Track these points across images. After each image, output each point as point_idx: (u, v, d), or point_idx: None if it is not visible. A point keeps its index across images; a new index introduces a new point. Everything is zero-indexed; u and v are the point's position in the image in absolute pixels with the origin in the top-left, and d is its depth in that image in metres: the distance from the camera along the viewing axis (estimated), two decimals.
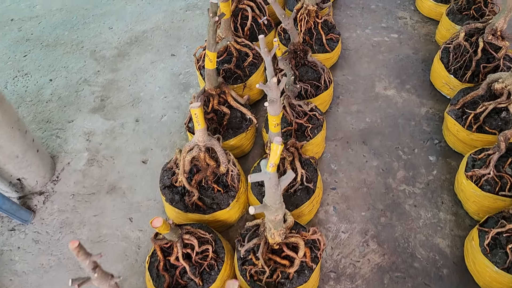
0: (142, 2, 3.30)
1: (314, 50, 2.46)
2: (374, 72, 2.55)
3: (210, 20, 1.76)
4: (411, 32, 2.77)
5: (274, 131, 1.70)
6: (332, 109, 2.38)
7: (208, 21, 1.78)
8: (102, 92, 2.66)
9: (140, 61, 2.83)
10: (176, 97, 2.57)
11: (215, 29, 1.80)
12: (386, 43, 2.71)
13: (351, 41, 2.76)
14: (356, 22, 2.88)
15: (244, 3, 2.50)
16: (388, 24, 2.84)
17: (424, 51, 2.63)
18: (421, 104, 2.35)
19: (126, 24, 3.13)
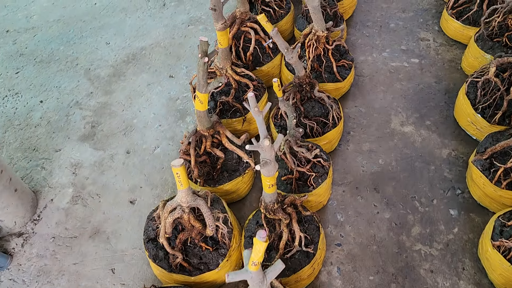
0: (143, 15, 3.08)
1: (323, 79, 2.21)
2: (391, 103, 2.29)
3: (199, 60, 1.53)
4: (434, 57, 2.48)
5: (269, 192, 1.47)
6: (342, 147, 2.13)
7: (198, 60, 1.55)
8: (94, 117, 2.47)
9: (136, 83, 2.62)
10: (171, 125, 2.36)
11: (205, 69, 1.56)
12: (405, 70, 2.44)
13: (366, 66, 2.49)
14: (373, 44, 2.61)
15: (247, 26, 2.26)
16: (409, 46, 2.56)
17: (448, 80, 2.35)
18: (442, 145, 2.08)
19: (124, 39, 2.92)
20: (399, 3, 2.83)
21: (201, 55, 1.51)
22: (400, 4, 2.82)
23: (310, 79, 2.00)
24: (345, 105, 2.31)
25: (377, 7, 2.82)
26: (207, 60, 1.51)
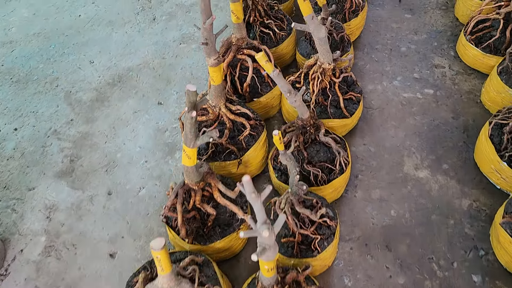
0: (131, 30, 2.82)
1: (329, 114, 1.97)
2: (403, 142, 2.05)
3: (186, 114, 1.28)
4: (450, 87, 2.24)
5: (267, 276, 1.23)
6: (349, 193, 1.90)
7: (185, 112, 1.31)
8: (73, 149, 2.22)
9: (121, 109, 2.37)
10: (158, 162, 2.11)
11: (193, 123, 1.32)
12: (418, 102, 2.20)
13: (375, 96, 2.25)
14: (383, 70, 2.36)
15: (243, 53, 2.01)
16: (422, 74, 2.32)
17: (466, 116, 2.11)
18: (462, 194, 1.85)
19: (109, 58, 2.66)
20: (410, 24, 2.58)
21: (188, 108, 1.26)
22: (412, 24, 2.58)
23: (315, 120, 1.76)
24: (352, 142, 2.07)
25: (387, 27, 2.58)
26: (195, 114, 1.26)
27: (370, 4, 2.72)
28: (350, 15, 2.38)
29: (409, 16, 2.62)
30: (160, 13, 2.90)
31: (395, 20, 2.62)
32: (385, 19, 2.63)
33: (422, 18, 2.60)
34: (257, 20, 2.26)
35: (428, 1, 2.69)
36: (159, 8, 2.94)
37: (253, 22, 2.27)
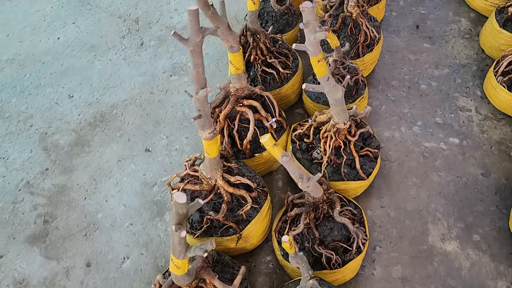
0: (116, 57, 2.51)
1: (342, 175, 1.70)
2: (427, 205, 1.79)
3: (173, 232, 1.00)
4: (478, 135, 1.97)
5: None
6: (366, 270, 1.63)
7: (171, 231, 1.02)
8: (47, 207, 1.93)
9: (104, 157, 2.08)
10: (145, 225, 1.84)
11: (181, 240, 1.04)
12: (443, 154, 1.93)
13: (393, 145, 1.97)
14: (400, 112, 2.08)
15: (243, 105, 1.72)
16: (446, 118, 2.04)
17: (498, 173, 1.85)
18: (497, 274, 1.59)
19: (91, 91, 2.36)
20: (430, 55, 2.29)
21: (175, 225, 0.98)
22: (432, 56, 2.29)
23: (330, 195, 1.48)
24: (368, 204, 1.80)
25: (404, 59, 2.29)
26: (184, 235, 0.98)
27: (384, 30, 2.42)
28: (364, 49, 2.09)
29: (429, 46, 2.33)
30: (148, 37, 2.59)
31: (413, 50, 2.33)
32: (401, 49, 2.34)
33: (443, 49, 2.31)
34: (259, 58, 1.96)
35: (448, 28, 2.40)
36: (147, 31, 2.63)
37: (254, 60, 1.97)
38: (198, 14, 1.13)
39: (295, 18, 2.29)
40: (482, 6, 2.37)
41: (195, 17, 1.12)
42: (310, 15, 1.19)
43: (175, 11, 2.72)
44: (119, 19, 2.72)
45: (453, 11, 2.47)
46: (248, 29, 1.91)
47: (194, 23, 1.12)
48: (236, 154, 1.82)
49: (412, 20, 2.46)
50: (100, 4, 2.82)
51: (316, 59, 1.31)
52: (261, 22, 2.26)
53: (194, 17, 1.11)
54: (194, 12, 1.11)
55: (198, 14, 1.13)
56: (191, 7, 1.11)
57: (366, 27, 2.04)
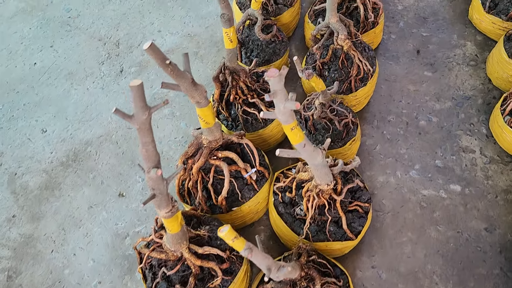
0: (93, 86, 2.35)
1: (327, 235, 1.52)
2: (423, 265, 1.61)
3: None
4: (482, 182, 1.77)
5: None
6: None
7: None
8: (12, 261, 1.80)
9: (74, 203, 1.93)
10: (114, 284, 1.70)
11: None
12: (442, 204, 1.74)
13: (387, 192, 1.79)
14: (397, 153, 1.89)
15: (218, 158, 1.55)
16: (446, 161, 1.85)
17: (504, 228, 1.66)
18: None
19: (65, 126, 2.20)
20: (431, 85, 2.09)
21: None
22: (433, 87, 2.08)
23: (309, 270, 1.31)
24: (357, 263, 1.63)
25: (402, 90, 2.09)
26: None
27: (382, 56, 2.22)
28: (357, 83, 1.89)
29: (430, 75, 2.13)
30: (129, 62, 2.42)
31: (413, 79, 2.12)
32: (400, 78, 2.13)
33: (446, 78, 2.10)
34: (239, 98, 1.78)
35: (452, 53, 2.19)
36: (128, 55, 2.45)
37: (234, 100, 1.79)
38: (142, 89, 0.95)
39: (283, 46, 2.10)
40: (489, 29, 2.15)
41: (139, 92, 0.94)
42: (278, 85, 1.01)
43: (159, 32, 2.54)
44: (99, 42, 2.55)
45: (458, 34, 2.26)
46: (226, 68, 1.72)
47: (138, 100, 0.95)
48: (212, 208, 1.66)
49: (412, 44, 2.25)
50: (80, 25, 2.65)
51: (289, 127, 1.13)
52: (246, 51, 2.07)
53: (138, 92, 0.94)
54: (137, 88, 0.93)
55: (142, 89, 0.95)
56: (133, 83, 0.94)
57: (359, 60, 1.84)
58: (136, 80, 0.95)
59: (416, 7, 2.40)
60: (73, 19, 2.70)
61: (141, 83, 0.94)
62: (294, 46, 2.34)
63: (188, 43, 2.46)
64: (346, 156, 1.81)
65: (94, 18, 2.68)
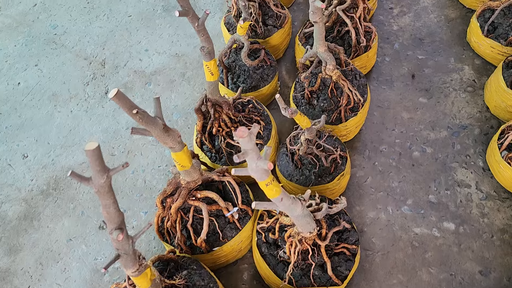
0: (77, 108, 2.27)
1: (311, 279, 1.44)
2: None
3: None
4: (477, 220, 1.69)
5: None
6: None
7: None
8: None
9: (53, 235, 1.86)
10: None
11: None
12: (435, 243, 1.66)
13: (377, 230, 1.71)
14: (388, 187, 1.81)
15: (196, 199, 1.47)
16: (440, 196, 1.76)
17: (499, 270, 1.57)
18: None
19: (47, 151, 2.13)
20: (426, 113, 2.00)
21: None
22: (428, 114, 2.00)
23: None
24: None
25: (396, 117, 2.00)
26: None
27: (375, 80, 2.13)
28: (347, 113, 1.81)
29: (425, 101, 2.04)
30: (114, 83, 2.35)
31: (407, 106, 2.03)
32: (393, 104, 2.05)
33: (442, 105, 2.02)
34: (222, 130, 1.70)
35: (449, 78, 2.10)
36: (113, 75, 2.38)
37: (217, 132, 1.71)
38: (98, 152, 0.87)
39: (272, 71, 2.02)
40: (488, 53, 2.06)
41: (95, 156, 0.86)
42: (248, 144, 0.93)
43: (146, 52, 2.46)
44: (85, 61, 2.47)
45: (455, 57, 2.16)
46: (208, 100, 1.64)
47: (95, 164, 0.87)
48: (192, 248, 1.58)
49: (407, 68, 2.16)
50: (66, 42, 2.58)
51: (263, 183, 1.05)
52: (232, 76, 1.99)
53: (93, 157, 0.86)
54: (93, 152, 0.85)
55: (98, 152, 0.87)
56: (88, 146, 0.86)
57: (349, 90, 1.76)
58: (92, 143, 0.87)
59: (412, 27, 2.31)
60: (59, 36, 2.62)
61: (97, 146, 0.87)
62: (285, 68, 2.26)
63: (176, 63, 2.38)
64: (334, 191, 1.73)
65: (81, 35, 2.60)
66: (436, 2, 2.39)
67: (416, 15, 2.35)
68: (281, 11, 2.11)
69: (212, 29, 2.48)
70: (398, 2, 2.42)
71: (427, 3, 2.40)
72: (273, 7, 2.09)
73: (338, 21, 2.01)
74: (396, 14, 2.37)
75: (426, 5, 2.39)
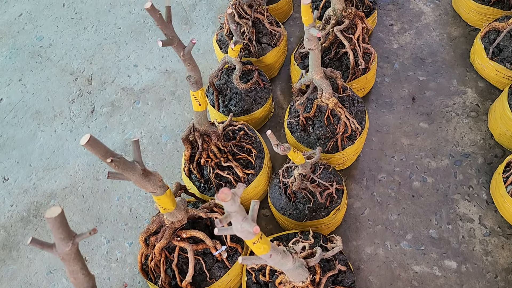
0: (62, 128, 2.17)
1: None
2: None
3: None
4: (480, 258, 1.59)
5: None
6: None
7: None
8: None
9: (33, 266, 1.76)
10: None
11: None
12: (436, 283, 1.57)
13: (374, 267, 1.61)
14: (387, 220, 1.71)
15: (182, 239, 1.37)
16: (441, 231, 1.67)
17: None
18: None
19: (29, 174, 2.03)
20: (427, 139, 1.91)
21: None
22: (429, 140, 1.90)
23: None
24: None
25: (395, 144, 1.90)
26: None
27: (374, 102, 2.03)
28: (344, 141, 1.71)
29: (426, 126, 1.94)
30: (101, 101, 2.24)
31: (407, 131, 1.93)
32: (393, 129, 1.95)
33: (443, 131, 1.92)
34: (212, 160, 1.60)
35: (451, 102, 2.00)
36: (100, 93, 2.27)
37: (206, 163, 1.61)
38: (61, 219, 0.77)
39: (266, 93, 1.92)
40: (492, 77, 1.96)
41: (57, 224, 0.76)
42: (232, 207, 0.83)
43: (135, 67, 2.36)
44: (71, 76, 2.36)
45: (458, 79, 2.07)
46: (195, 129, 1.54)
47: (58, 232, 0.77)
48: None
49: (408, 90, 2.07)
50: (52, 56, 2.47)
51: (250, 241, 0.95)
52: (224, 99, 1.89)
53: (56, 225, 0.76)
54: (55, 220, 0.75)
55: (61, 219, 0.77)
56: (50, 212, 0.76)
57: (346, 118, 1.66)
58: (54, 209, 0.77)
59: (413, 45, 2.21)
60: (45, 49, 2.51)
61: (60, 213, 0.76)
62: (279, 88, 2.16)
63: (166, 80, 2.27)
64: (329, 226, 1.64)
65: (67, 48, 2.49)
66: (438, 19, 2.29)
67: (417, 33, 2.25)
68: (276, 30, 2.01)
69: (205, 44, 2.38)
70: (399, 18, 2.32)
71: (429, 20, 2.30)
72: (268, 25, 1.98)
73: (335, 42, 1.90)
74: (396, 31, 2.27)
75: (428, 22, 2.29)
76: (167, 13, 1.24)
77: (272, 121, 2.03)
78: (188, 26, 2.46)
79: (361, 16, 1.84)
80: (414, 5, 2.38)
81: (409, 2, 2.39)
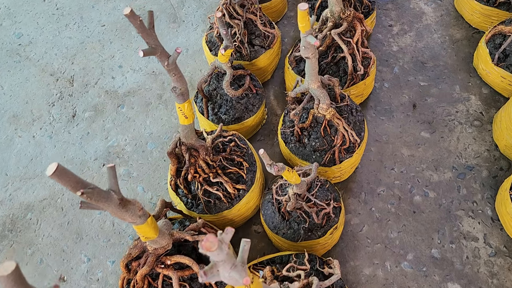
0: (41, 133, 2.03)
1: None
2: None
3: None
4: (485, 280, 1.50)
5: None
6: None
7: None
8: None
9: None
10: None
11: None
12: None
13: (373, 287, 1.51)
14: (387, 238, 1.61)
15: (166, 266, 1.25)
16: (444, 251, 1.57)
17: None
18: None
19: (5, 184, 1.89)
20: (428, 150, 1.80)
21: None
22: (431, 151, 1.79)
23: None
24: None
25: (395, 155, 1.79)
26: None
27: (373, 109, 1.92)
28: (342, 154, 1.59)
29: (428, 136, 1.83)
30: (83, 105, 2.10)
31: (407, 141, 1.83)
32: (393, 139, 1.84)
33: (446, 141, 1.81)
34: (200, 176, 1.48)
35: (454, 109, 1.89)
36: (82, 96, 2.13)
37: (194, 179, 1.49)
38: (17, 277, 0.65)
39: (258, 100, 1.80)
40: (497, 83, 1.86)
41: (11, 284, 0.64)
42: (219, 256, 0.71)
43: (119, 68, 2.21)
44: (51, 77, 2.22)
45: (461, 85, 1.96)
46: (182, 143, 1.41)
47: None
48: None
49: (408, 96, 1.95)
50: (31, 55, 2.32)
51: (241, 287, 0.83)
52: (213, 106, 1.76)
53: (9, 284, 0.64)
54: (7, 278, 0.63)
55: (18, 274, 0.65)
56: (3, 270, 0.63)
57: (344, 130, 1.54)
58: (7, 264, 0.64)
59: (413, 48, 2.09)
60: (24, 47, 2.35)
61: (14, 268, 0.64)
62: (273, 92, 2.03)
63: (152, 83, 2.14)
64: (326, 245, 1.53)
65: (48, 46, 2.34)
66: (440, 20, 2.17)
67: (418, 35, 2.13)
68: (269, 31, 1.88)
69: (194, 44, 2.24)
70: (398, 19, 2.20)
71: (430, 21, 2.18)
72: (261, 26, 1.85)
73: (333, 45, 1.78)
74: (396, 33, 2.15)
75: (429, 23, 2.17)
76: (150, 19, 1.11)
77: (265, 128, 1.91)
78: (177, 24, 2.32)
79: (360, 18, 1.72)
80: (415, 4, 2.26)
81: (409, 1, 2.27)
